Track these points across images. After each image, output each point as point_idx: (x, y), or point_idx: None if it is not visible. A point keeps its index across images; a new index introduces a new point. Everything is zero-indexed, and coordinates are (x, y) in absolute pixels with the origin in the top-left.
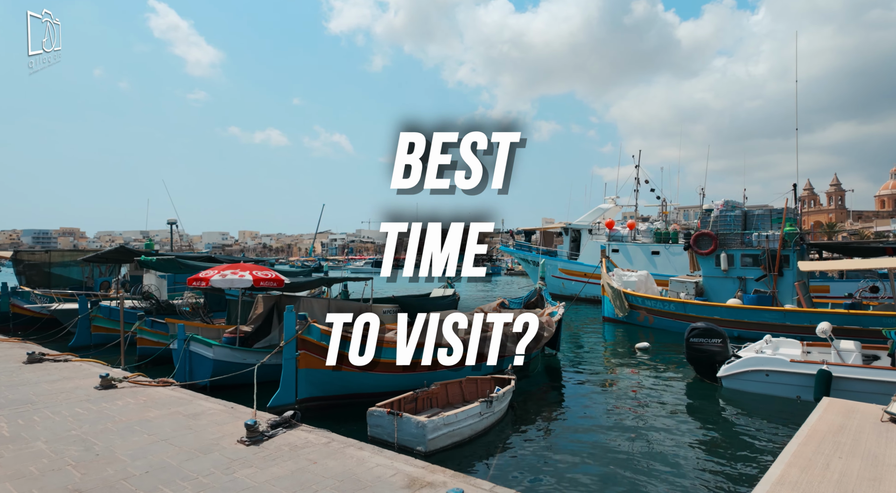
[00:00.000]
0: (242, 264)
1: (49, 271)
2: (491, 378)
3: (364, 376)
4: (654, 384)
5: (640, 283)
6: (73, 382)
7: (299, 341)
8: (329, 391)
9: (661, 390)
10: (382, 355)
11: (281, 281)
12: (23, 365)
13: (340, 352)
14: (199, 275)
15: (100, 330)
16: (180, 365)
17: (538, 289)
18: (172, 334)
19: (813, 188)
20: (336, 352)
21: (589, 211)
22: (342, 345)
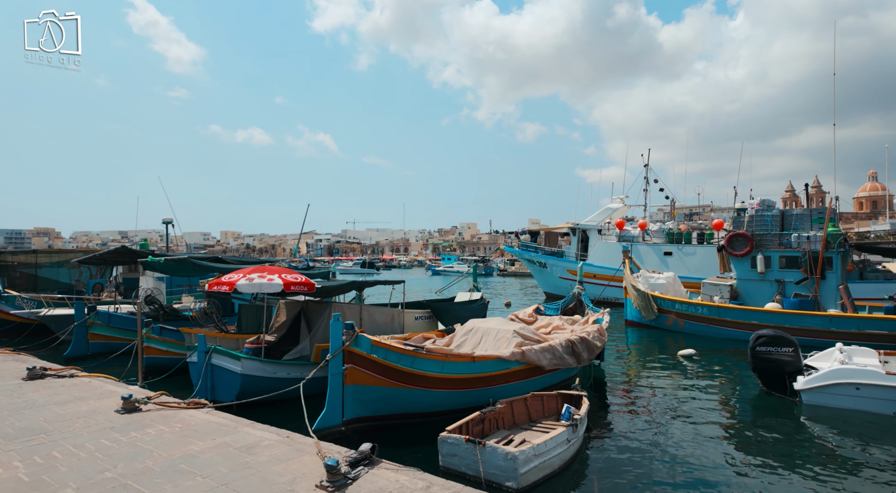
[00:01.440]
0: (269, 267)
1: (36, 274)
2: (557, 395)
3: (417, 394)
4: (719, 397)
5: (669, 285)
6: (88, 403)
7: (346, 353)
8: (379, 410)
9: (730, 405)
10: (443, 369)
11: (312, 285)
12: (23, 382)
13: (392, 365)
14: (223, 279)
15: (98, 338)
16: (202, 381)
17: (576, 294)
18: (189, 345)
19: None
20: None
21: (597, 211)
22: (394, 357)
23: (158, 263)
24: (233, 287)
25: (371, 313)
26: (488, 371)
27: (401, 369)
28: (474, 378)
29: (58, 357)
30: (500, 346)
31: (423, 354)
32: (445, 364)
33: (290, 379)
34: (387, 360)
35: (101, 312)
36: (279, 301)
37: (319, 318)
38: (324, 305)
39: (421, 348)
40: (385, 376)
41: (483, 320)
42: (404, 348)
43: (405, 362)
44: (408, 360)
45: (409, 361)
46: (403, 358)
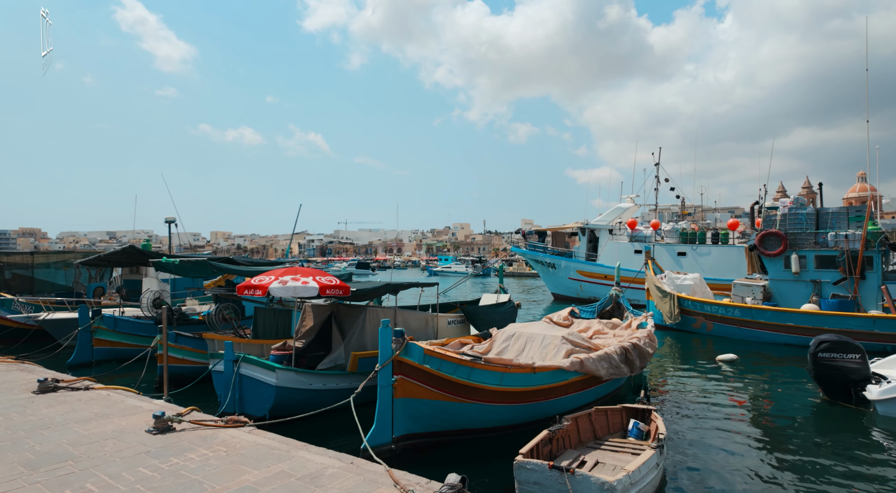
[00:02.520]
0: (302, 269)
1: (32, 276)
2: (622, 409)
3: (474, 408)
4: (780, 408)
5: (696, 286)
6: (113, 421)
7: (395, 363)
8: (431, 427)
9: (796, 417)
10: (501, 381)
11: (347, 288)
12: (34, 396)
13: (446, 377)
14: (252, 282)
15: (103, 344)
16: (231, 393)
17: (613, 295)
18: (213, 353)
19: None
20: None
21: (607, 210)
22: (449, 368)
23: (173, 264)
24: (266, 291)
25: (405, 318)
26: (548, 383)
27: (456, 381)
28: (533, 391)
29: (60, 365)
30: (547, 354)
31: (482, 365)
32: (505, 376)
33: (325, 391)
34: (441, 371)
35: (107, 316)
36: (304, 304)
37: (353, 323)
38: (357, 309)
39: (479, 357)
40: (439, 389)
41: (525, 325)
42: (461, 358)
43: (461, 373)
44: (464, 371)
45: (465, 372)
46: (460, 369)
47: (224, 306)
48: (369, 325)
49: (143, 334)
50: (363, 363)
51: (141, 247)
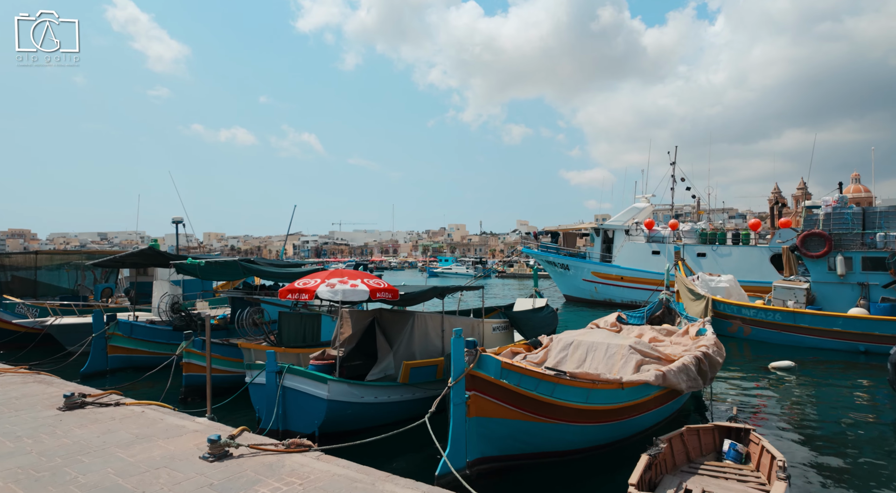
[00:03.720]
0: (348, 271)
1: (35, 278)
2: (713, 428)
3: (557, 428)
4: (866, 419)
5: (732, 289)
6: (157, 445)
7: (468, 378)
8: (509, 449)
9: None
10: (587, 398)
11: (395, 292)
12: (61, 413)
13: (527, 394)
14: (296, 285)
15: (118, 351)
16: (277, 408)
17: (663, 300)
18: (250, 363)
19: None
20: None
21: (622, 210)
22: (530, 384)
23: (199, 266)
24: (313, 295)
25: (453, 324)
26: (633, 400)
27: (538, 398)
28: (620, 409)
29: (72, 374)
30: (613, 365)
31: (568, 380)
32: (592, 392)
33: (377, 404)
34: (521, 387)
35: (122, 321)
36: (341, 309)
37: (401, 330)
38: (402, 314)
39: (563, 372)
40: (518, 407)
41: (583, 332)
42: (544, 372)
43: (544, 389)
44: (547, 387)
45: (548, 388)
46: (542, 385)
47: (255, 310)
48: (417, 332)
49: (161, 341)
50: (415, 374)
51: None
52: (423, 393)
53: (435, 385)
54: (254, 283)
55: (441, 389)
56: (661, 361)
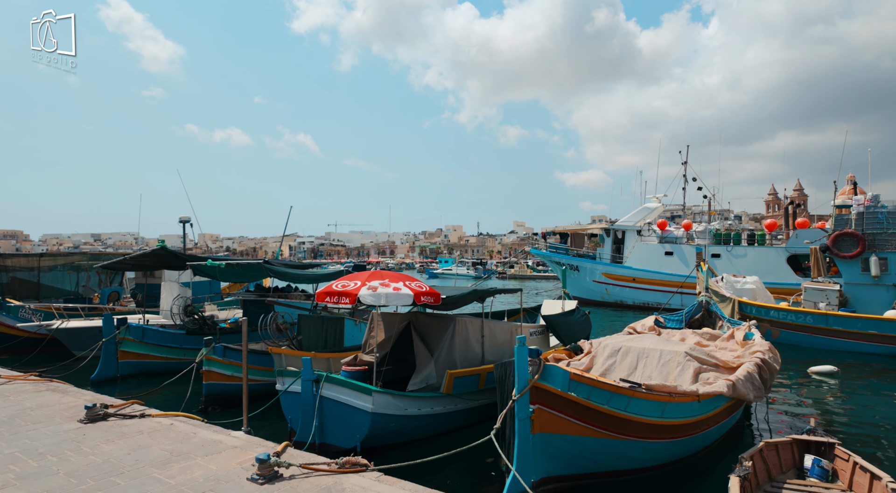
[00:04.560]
0: (387, 273)
1: (38, 280)
2: (791, 442)
3: (630, 445)
4: None
5: (758, 290)
6: (198, 463)
7: (532, 390)
8: (577, 467)
9: None
10: (663, 412)
11: (438, 296)
12: (83, 426)
13: (598, 408)
14: (335, 288)
15: (129, 357)
16: (315, 420)
17: (703, 303)
18: (281, 371)
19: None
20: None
21: (633, 211)
22: (602, 397)
23: (219, 267)
24: (355, 298)
25: (492, 330)
26: (707, 413)
27: (611, 412)
28: (694, 423)
29: (82, 380)
30: (669, 373)
31: (643, 393)
32: (668, 406)
33: (420, 416)
34: (591, 400)
35: (133, 325)
36: (373, 312)
37: (440, 335)
38: (441, 319)
39: (638, 384)
40: (587, 422)
41: (631, 338)
42: (618, 384)
43: (617, 403)
44: (621, 401)
45: (622, 402)
46: (616, 398)
47: (278, 313)
48: (458, 338)
49: (174, 346)
50: (458, 384)
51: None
52: (465, 404)
53: (477, 396)
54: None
55: (483, 399)
56: (720, 368)
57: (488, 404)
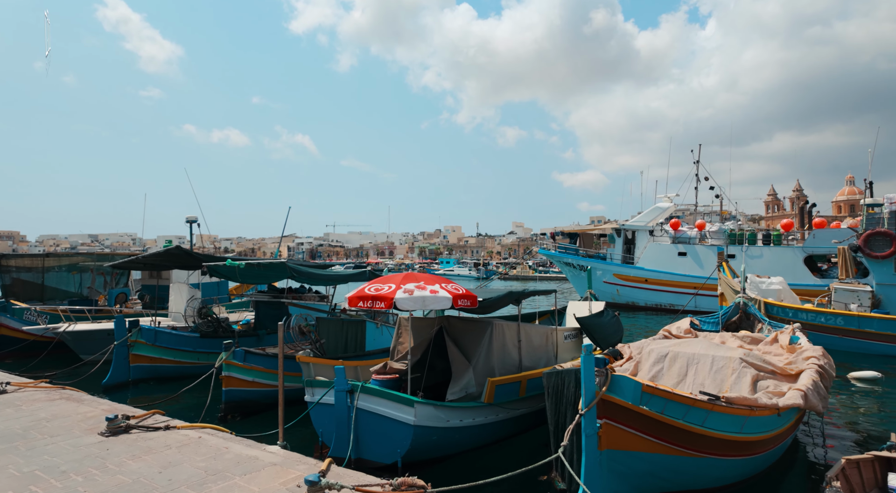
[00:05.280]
0: (422, 275)
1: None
2: (873, 459)
3: (706, 464)
4: None
5: (784, 291)
6: (238, 485)
7: (600, 404)
8: (647, 488)
9: None
10: (743, 427)
11: (475, 299)
12: (105, 439)
13: (672, 422)
14: (367, 291)
15: (141, 361)
16: (351, 434)
17: (741, 304)
18: (310, 380)
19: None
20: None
21: (645, 210)
22: (677, 410)
23: (238, 267)
24: (391, 303)
25: (528, 334)
26: (782, 426)
27: (687, 428)
28: (771, 438)
29: (93, 386)
30: (722, 380)
31: (723, 406)
32: (749, 420)
33: (461, 428)
34: (665, 414)
35: (145, 328)
36: (400, 317)
37: (477, 341)
38: (478, 324)
39: (716, 396)
40: (661, 438)
41: (679, 342)
42: (697, 397)
43: (694, 417)
44: (698, 415)
45: (699, 416)
46: (693, 412)
47: (303, 318)
48: (496, 343)
49: (187, 349)
50: (500, 392)
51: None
52: (506, 414)
53: (518, 404)
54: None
55: (524, 408)
56: (777, 375)
57: (529, 414)
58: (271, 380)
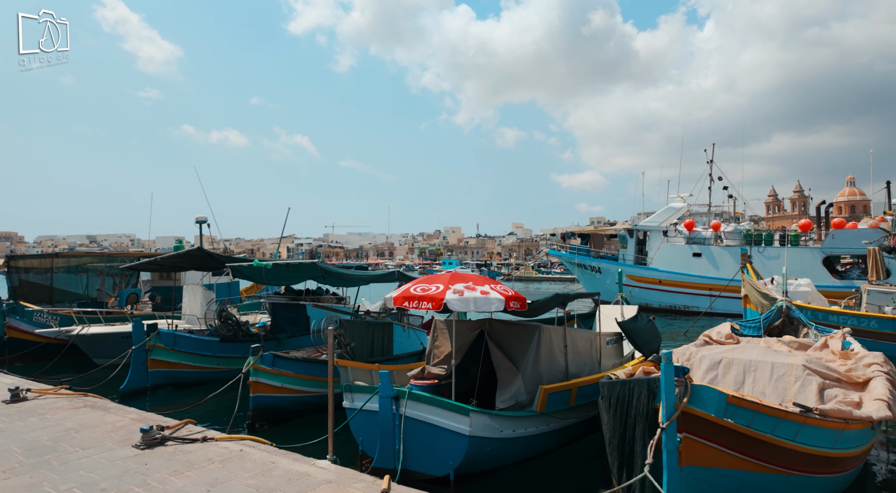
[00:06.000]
0: (470, 276)
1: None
2: None
3: (795, 482)
4: None
5: (813, 293)
6: None
7: (680, 417)
8: None
9: None
10: (836, 442)
11: (524, 301)
12: (140, 452)
13: (761, 437)
14: (413, 291)
15: (159, 365)
16: (399, 444)
17: (783, 308)
18: (350, 385)
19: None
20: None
21: (659, 211)
22: (767, 423)
23: (265, 268)
24: (440, 304)
25: (574, 339)
26: (873, 439)
27: (777, 442)
28: (862, 452)
29: (111, 391)
30: (785, 388)
31: (817, 419)
32: (843, 434)
33: (514, 439)
34: (753, 428)
35: (164, 332)
36: (436, 319)
37: (524, 346)
38: (524, 328)
39: (808, 408)
40: (747, 454)
41: (733, 349)
42: (788, 409)
43: (785, 431)
44: (790, 428)
45: (790, 430)
46: (784, 425)
47: (333, 320)
48: (544, 348)
49: (207, 354)
50: (552, 401)
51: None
52: (556, 424)
53: (567, 414)
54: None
55: (573, 418)
56: (842, 383)
57: (576, 424)
58: (301, 386)
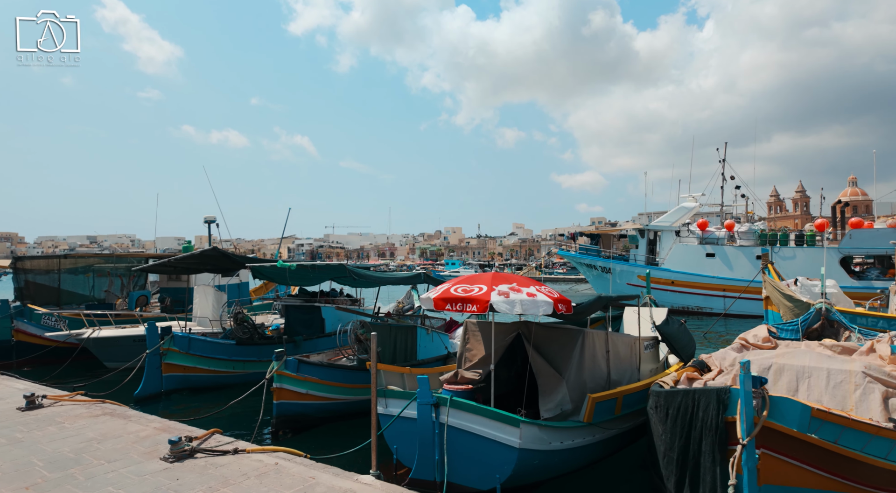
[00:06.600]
0: (514, 277)
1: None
2: None
3: None
4: None
5: (838, 295)
6: None
7: (760, 432)
8: None
9: None
10: None
11: (569, 304)
12: (169, 465)
13: (849, 453)
14: (454, 292)
15: (174, 370)
16: (437, 455)
17: (822, 310)
18: (385, 391)
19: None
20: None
21: (670, 210)
22: (856, 439)
23: (289, 269)
24: (485, 306)
25: (615, 344)
26: None
27: (868, 461)
28: None
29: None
30: (844, 397)
31: None
32: None
33: (561, 451)
34: (840, 444)
35: (178, 335)
36: (467, 322)
37: (566, 351)
38: (566, 332)
39: None
40: (835, 473)
41: (783, 354)
42: (882, 425)
43: (877, 448)
44: (881, 445)
45: (883, 447)
46: (875, 442)
47: (359, 323)
48: (587, 354)
49: (223, 358)
50: (599, 410)
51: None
52: (602, 434)
53: (613, 424)
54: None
55: (617, 428)
56: None
57: (622, 434)
58: (325, 392)
